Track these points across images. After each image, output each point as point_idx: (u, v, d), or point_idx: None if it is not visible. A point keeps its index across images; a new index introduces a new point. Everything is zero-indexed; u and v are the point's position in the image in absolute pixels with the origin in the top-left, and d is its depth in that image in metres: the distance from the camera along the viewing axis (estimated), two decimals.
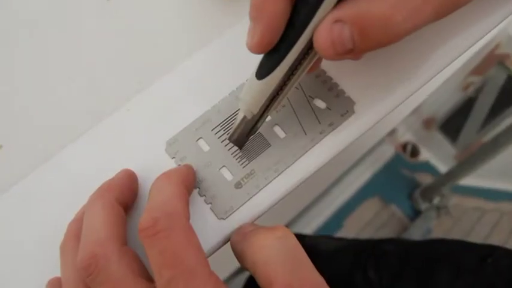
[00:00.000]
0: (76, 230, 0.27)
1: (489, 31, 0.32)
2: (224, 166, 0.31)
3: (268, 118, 0.31)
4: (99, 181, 0.29)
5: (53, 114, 0.35)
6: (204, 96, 0.33)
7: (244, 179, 0.30)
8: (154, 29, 0.38)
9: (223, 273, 0.96)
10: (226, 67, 0.34)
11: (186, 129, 0.32)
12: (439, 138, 1.45)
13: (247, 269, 0.24)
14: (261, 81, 0.26)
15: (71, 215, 0.29)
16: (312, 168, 0.31)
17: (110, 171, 0.30)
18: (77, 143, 0.32)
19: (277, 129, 0.31)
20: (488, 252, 0.59)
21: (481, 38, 0.32)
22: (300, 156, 0.31)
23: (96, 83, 0.36)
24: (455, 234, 1.37)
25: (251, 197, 0.30)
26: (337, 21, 0.22)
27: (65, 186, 0.31)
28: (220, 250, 0.30)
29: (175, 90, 0.33)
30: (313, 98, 0.32)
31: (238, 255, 0.25)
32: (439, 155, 1.49)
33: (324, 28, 0.23)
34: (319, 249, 0.72)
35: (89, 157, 0.32)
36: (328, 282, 0.23)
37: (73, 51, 0.37)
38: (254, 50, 0.25)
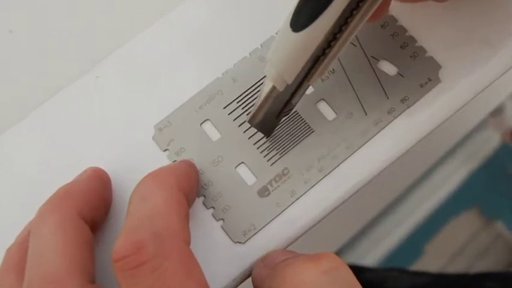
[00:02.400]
0: (18, 259, 0.27)
1: None
2: (243, 163, 0.31)
3: (310, 90, 0.31)
4: (53, 184, 0.28)
5: None
6: (211, 57, 0.32)
7: (273, 183, 0.30)
8: None
9: None
10: (245, 12, 0.33)
11: (185, 107, 0.32)
12: None
13: None
14: (298, 33, 0.25)
15: (11, 237, 0.29)
16: (375, 167, 0.30)
17: (69, 170, 0.30)
18: (20, 126, 0.32)
19: (323, 107, 0.31)
20: None
21: None
22: (358, 148, 0.30)
23: (53, 40, 0.36)
24: None
25: (283, 210, 0.30)
26: None
27: (1, 191, 0.31)
28: None
29: (166, 48, 0.33)
30: (377, 60, 0.32)
31: None
32: None
33: None
34: (388, 287, 0.72)
35: (37, 147, 0.32)
36: None
37: None
38: None
